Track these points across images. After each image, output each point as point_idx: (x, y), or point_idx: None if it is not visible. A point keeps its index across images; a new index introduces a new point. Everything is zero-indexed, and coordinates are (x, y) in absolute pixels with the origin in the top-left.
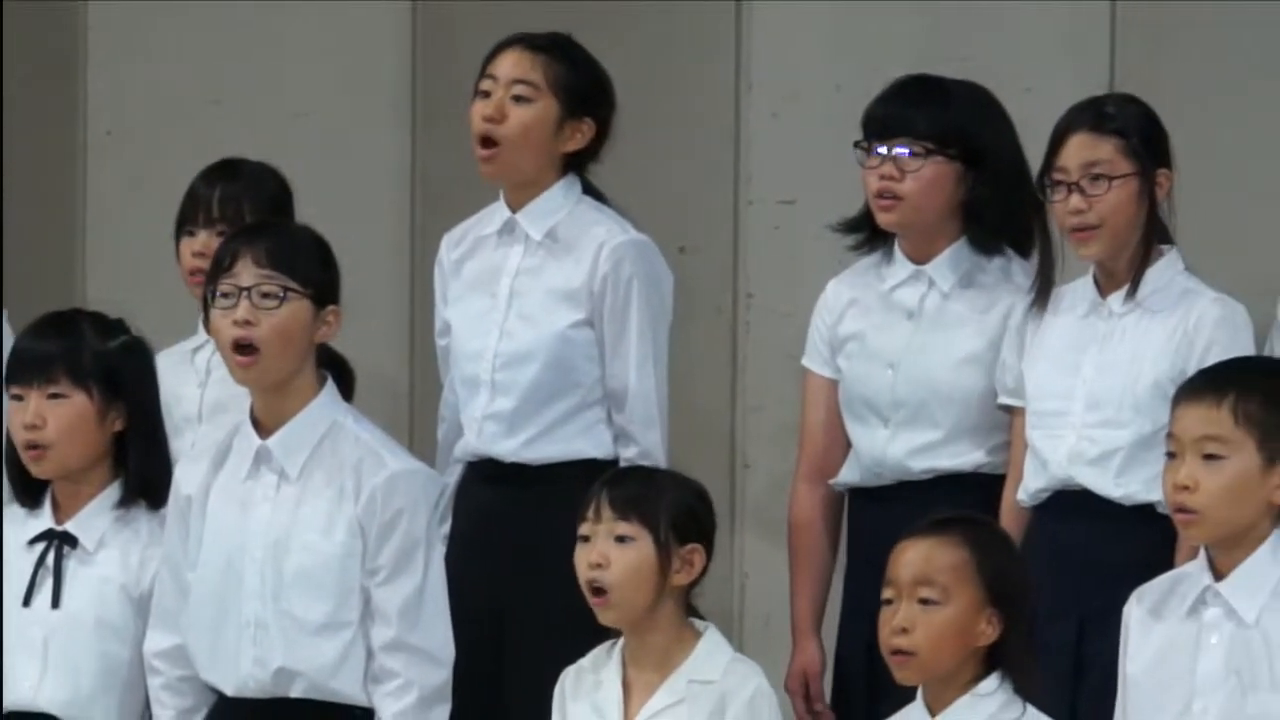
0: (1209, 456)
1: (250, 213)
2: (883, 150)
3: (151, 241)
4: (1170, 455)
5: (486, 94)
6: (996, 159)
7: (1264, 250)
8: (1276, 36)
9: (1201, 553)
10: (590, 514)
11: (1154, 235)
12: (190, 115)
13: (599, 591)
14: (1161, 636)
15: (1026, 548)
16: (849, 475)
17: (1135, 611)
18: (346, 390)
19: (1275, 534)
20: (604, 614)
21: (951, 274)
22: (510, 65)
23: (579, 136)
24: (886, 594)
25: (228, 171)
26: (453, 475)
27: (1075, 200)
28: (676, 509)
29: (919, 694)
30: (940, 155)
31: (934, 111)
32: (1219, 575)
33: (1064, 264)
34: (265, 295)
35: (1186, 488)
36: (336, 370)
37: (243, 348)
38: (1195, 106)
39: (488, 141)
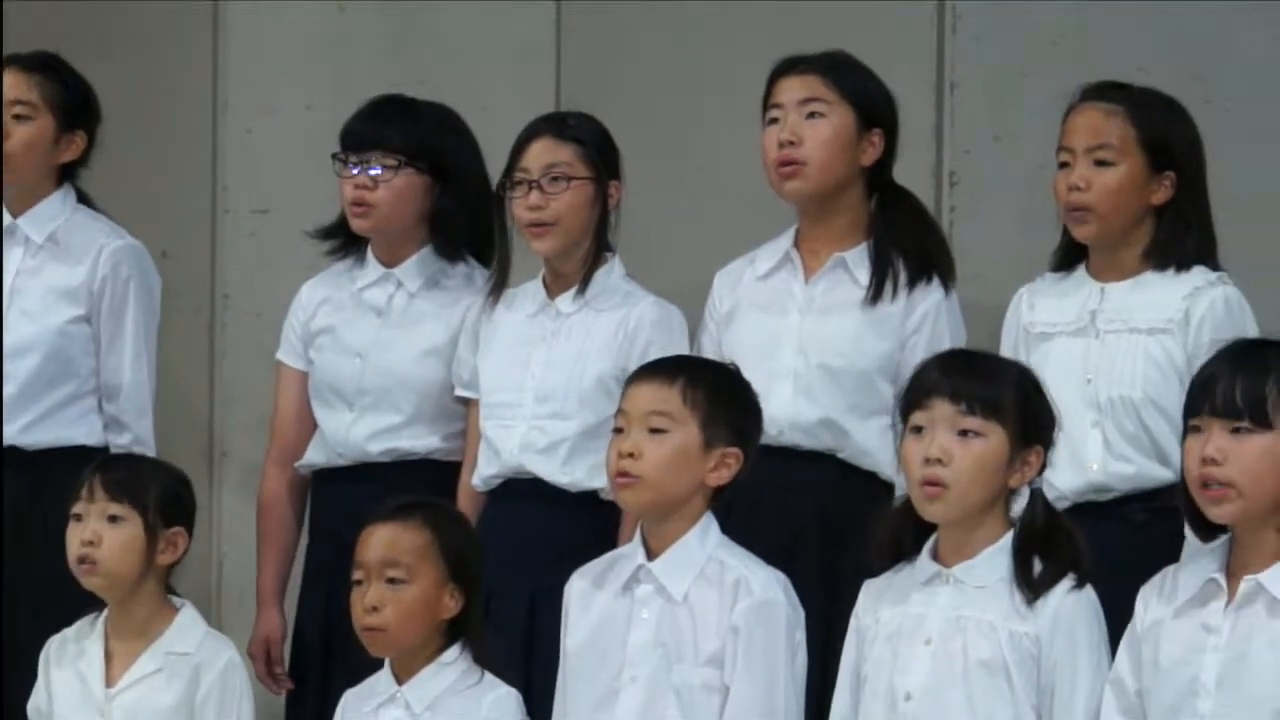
0: (655, 430)
1: None
2: (357, 162)
3: None
4: (618, 430)
5: None
6: (461, 174)
7: (694, 257)
8: (710, 57)
9: (636, 533)
10: (84, 494)
11: (603, 241)
12: None
13: (88, 563)
14: (598, 612)
15: (483, 529)
16: (314, 457)
17: (575, 589)
18: None
19: (705, 517)
20: (89, 580)
21: (418, 276)
22: (8, 87)
23: (74, 148)
24: (357, 575)
25: None
26: None
27: (534, 197)
28: (164, 494)
29: (386, 663)
30: (410, 168)
31: (406, 127)
32: (652, 555)
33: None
34: None
35: (631, 455)
36: None
37: None
38: (633, 124)
39: None
